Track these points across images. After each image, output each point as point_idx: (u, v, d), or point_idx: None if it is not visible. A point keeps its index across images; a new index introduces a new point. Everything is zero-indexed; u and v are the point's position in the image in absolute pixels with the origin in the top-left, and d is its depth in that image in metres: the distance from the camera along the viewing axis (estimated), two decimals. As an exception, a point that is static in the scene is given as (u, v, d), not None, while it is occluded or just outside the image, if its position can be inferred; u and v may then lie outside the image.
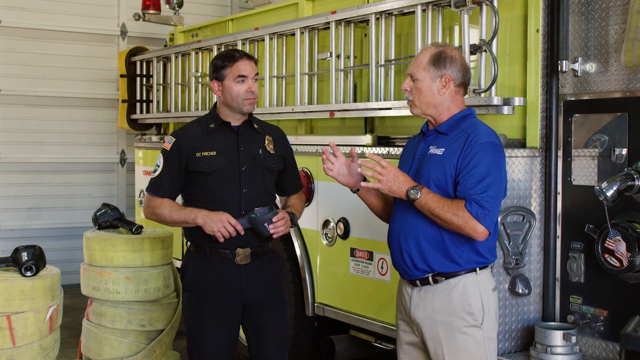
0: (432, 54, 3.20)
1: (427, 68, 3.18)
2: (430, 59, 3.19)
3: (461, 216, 3.03)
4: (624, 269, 3.45)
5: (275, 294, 3.80)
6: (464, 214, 3.03)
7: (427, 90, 3.19)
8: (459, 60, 3.21)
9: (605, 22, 3.62)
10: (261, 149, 3.76)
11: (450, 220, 3.05)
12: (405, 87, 3.25)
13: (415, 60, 3.24)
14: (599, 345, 3.66)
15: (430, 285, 3.20)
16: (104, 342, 4.66)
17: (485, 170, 3.07)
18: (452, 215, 3.04)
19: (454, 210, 3.04)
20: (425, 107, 3.22)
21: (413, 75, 3.21)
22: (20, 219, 8.52)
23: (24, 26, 8.48)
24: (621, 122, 3.55)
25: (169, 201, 3.73)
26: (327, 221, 4.82)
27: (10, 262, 4.14)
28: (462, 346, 3.16)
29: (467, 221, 3.03)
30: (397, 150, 4.30)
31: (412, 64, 3.25)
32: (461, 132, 3.17)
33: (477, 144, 3.10)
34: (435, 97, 3.19)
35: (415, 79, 3.20)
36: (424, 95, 3.20)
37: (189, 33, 7.15)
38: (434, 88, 3.19)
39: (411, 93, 3.23)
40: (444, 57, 3.18)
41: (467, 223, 3.03)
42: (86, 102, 8.82)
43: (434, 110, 3.22)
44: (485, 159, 3.08)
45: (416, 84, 3.20)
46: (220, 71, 3.69)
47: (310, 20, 5.03)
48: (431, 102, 3.20)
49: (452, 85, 3.19)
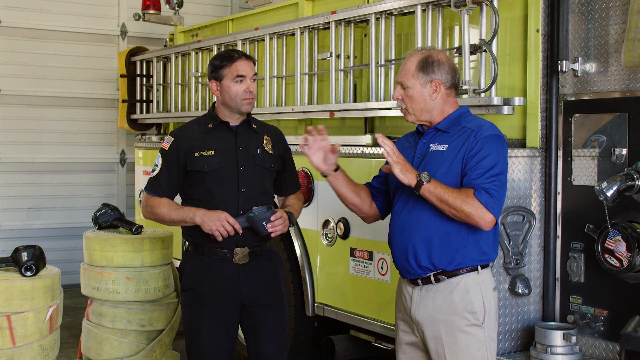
0: (419, 60, 3.19)
1: (416, 75, 3.18)
2: (417, 65, 3.18)
3: (471, 203, 3.03)
4: (624, 269, 3.45)
5: (274, 293, 3.80)
6: (474, 201, 3.04)
7: (419, 97, 3.19)
8: (446, 63, 3.20)
9: (605, 22, 3.62)
10: (259, 148, 3.77)
11: (459, 208, 3.04)
12: (396, 96, 3.25)
13: (403, 67, 3.24)
14: (599, 345, 3.66)
15: (431, 284, 3.20)
16: (104, 342, 4.66)
17: (493, 160, 3.10)
18: (462, 202, 3.04)
19: (463, 197, 3.04)
20: (419, 113, 3.22)
21: (403, 83, 3.21)
22: (20, 219, 8.52)
23: (24, 26, 8.48)
24: (621, 122, 3.54)
25: (168, 200, 3.73)
26: (327, 221, 4.82)
27: (10, 262, 4.14)
28: (463, 345, 3.16)
29: (476, 209, 3.03)
30: (397, 150, 4.31)
31: (400, 72, 3.24)
32: (463, 129, 3.18)
33: (483, 137, 3.12)
34: (428, 102, 3.20)
35: (406, 87, 3.20)
36: (417, 102, 3.20)
37: (189, 33, 7.15)
38: (425, 94, 3.19)
39: (403, 101, 3.23)
40: (430, 61, 3.18)
41: (476, 211, 3.03)
42: (86, 102, 8.82)
43: (428, 115, 3.23)
44: (492, 150, 3.11)
45: (407, 91, 3.21)
46: (218, 71, 3.70)
47: (310, 20, 5.03)
48: (424, 108, 3.21)
49: (443, 88, 3.19)
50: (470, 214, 3.04)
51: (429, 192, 3.07)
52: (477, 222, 3.06)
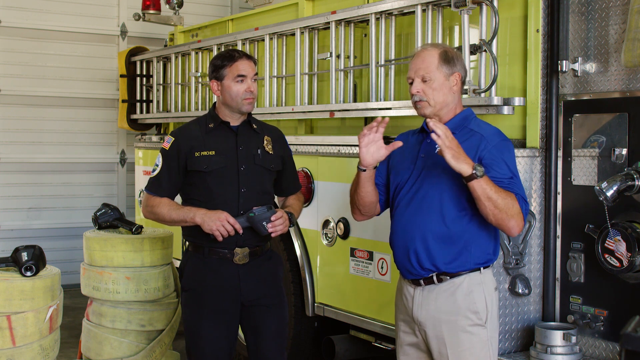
0: (440, 53, 3.20)
1: (440, 67, 3.18)
2: (440, 58, 3.19)
3: (515, 207, 3.06)
4: (624, 269, 3.45)
5: (274, 293, 3.80)
6: (516, 205, 3.06)
7: (443, 89, 3.19)
8: (461, 58, 3.28)
9: (605, 22, 3.62)
10: (260, 149, 3.77)
11: (504, 208, 3.04)
12: (417, 89, 3.19)
13: (423, 62, 3.20)
14: (599, 345, 3.66)
15: (434, 285, 3.19)
16: (104, 342, 4.66)
17: (515, 167, 3.17)
18: (509, 206, 3.05)
19: (509, 199, 3.06)
20: (440, 106, 3.20)
21: (425, 76, 3.18)
22: (20, 219, 8.52)
23: (24, 26, 8.47)
24: (621, 122, 3.54)
25: (168, 200, 3.73)
26: (327, 221, 4.82)
27: (10, 262, 4.14)
28: (466, 345, 3.16)
29: (518, 213, 3.06)
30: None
31: (418, 67, 3.20)
32: (471, 132, 3.19)
33: (495, 143, 3.15)
34: (448, 95, 3.20)
35: (428, 80, 3.18)
36: (440, 94, 3.19)
37: (189, 33, 7.15)
38: (448, 86, 3.20)
39: (424, 94, 3.20)
40: (451, 55, 3.21)
41: (518, 215, 3.06)
42: (86, 102, 8.82)
43: (445, 109, 3.22)
44: (509, 157, 3.17)
45: (430, 84, 3.18)
46: (219, 71, 3.70)
47: (310, 20, 5.03)
48: (445, 101, 3.21)
49: (460, 83, 3.23)
50: (513, 215, 3.05)
51: (480, 187, 3.02)
52: (512, 227, 3.07)
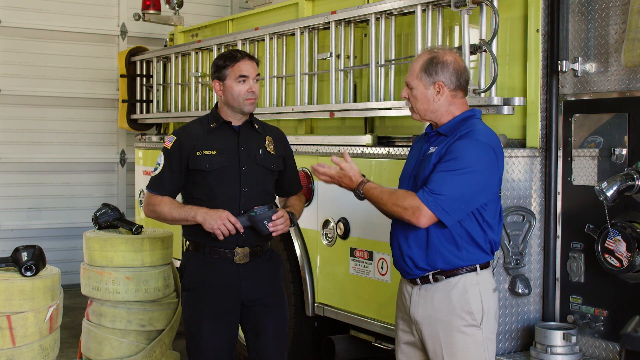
0: (424, 61, 3.20)
1: (420, 76, 3.19)
2: (422, 66, 3.19)
3: (407, 201, 3.08)
4: (624, 269, 3.45)
5: (274, 293, 3.81)
6: (409, 199, 3.07)
7: (422, 98, 3.21)
8: (451, 65, 3.17)
9: (605, 22, 3.62)
10: (261, 149, 3.77)
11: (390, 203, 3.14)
12: (403, 95, 3.29)
13: (410, 67, 3.26)
14: (599, 345, 3.66)
15: (430, 284, 3.20)
16: (104, 342, 4.66)
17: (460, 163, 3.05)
18: (395, 199, 3.13)
19: (399, 194, 3.14)
20: (424, 113, 3.24)
21: (409, 83, 3.24)
22: (20, 219, 8.52)
23: (24, 26, 8.47)
24: (621, 122, 3.55)
25: (169, 199, 3.73)
26: (327, 221, 4.82)
27: (10, 262, 4.14)
28: (460, 345, 3.16)
29: (412, 206, 3.05)
30: (397, 150, 4.31)
31: (408, 72, 3.27)
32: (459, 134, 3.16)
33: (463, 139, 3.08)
34: (431, 103, 3.20)
35: (411, 87, 3.22)
36: (420, 103, 3.22)
37: (189, 33, 7.15)
38: (429, 95, 3.19)
39: (409, 100, 3.26)
40: (435, 62, 3.17)
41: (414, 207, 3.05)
42: (86, 102, 8.82)
43: (433, 115, 3.23)
44: (459, 154, 3.06)
45: (412, 91, 3.23)
46: (221, 71, 3.71)
47: (310, 20, 5.03)
48: (428, 109, 3.22)
49: (447, 90, 3.18)
50: (407, 209, 3.08)
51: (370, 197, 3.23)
52: (410, 218, 3.08)
